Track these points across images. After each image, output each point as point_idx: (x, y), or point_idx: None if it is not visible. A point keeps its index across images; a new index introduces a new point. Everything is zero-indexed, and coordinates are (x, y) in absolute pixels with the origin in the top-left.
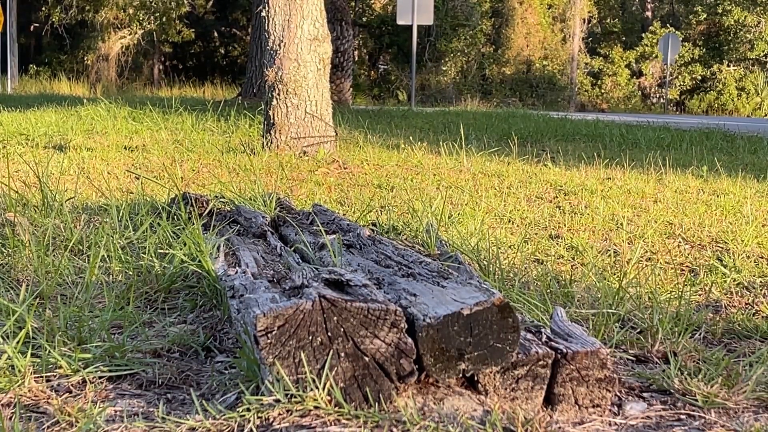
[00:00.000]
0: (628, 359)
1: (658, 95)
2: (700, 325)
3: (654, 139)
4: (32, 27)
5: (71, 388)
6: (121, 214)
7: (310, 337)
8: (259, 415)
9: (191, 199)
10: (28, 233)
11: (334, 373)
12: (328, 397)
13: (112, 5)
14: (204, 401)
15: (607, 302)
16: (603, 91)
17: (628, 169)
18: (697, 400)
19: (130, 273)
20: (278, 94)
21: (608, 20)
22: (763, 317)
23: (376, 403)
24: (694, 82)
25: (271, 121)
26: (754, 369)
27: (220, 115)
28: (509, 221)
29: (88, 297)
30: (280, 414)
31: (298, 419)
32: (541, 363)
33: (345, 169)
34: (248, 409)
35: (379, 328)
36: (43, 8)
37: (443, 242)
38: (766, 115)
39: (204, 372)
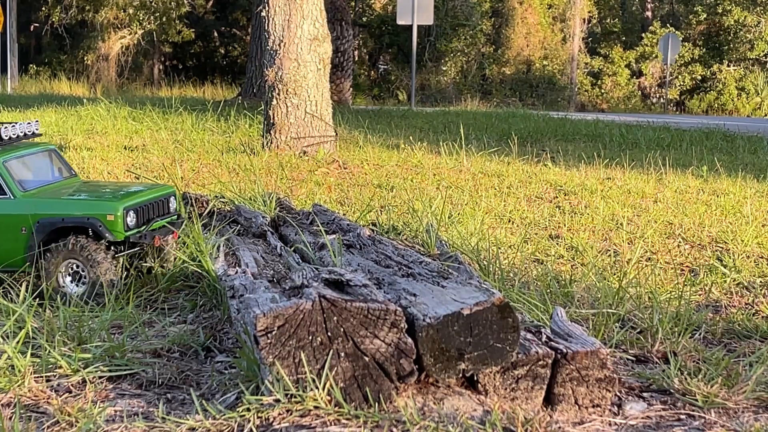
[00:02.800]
0: (628, 359)
1: (658, 95)
2: (700, 325)
3: (654, 139)
4: (32, 27)
5: (71, 388)
6: None
7: (310, 337)
8: (259, 415)
9: (191, 199)
10: None
11: (334, 373)
12: (328, 397)
13: (112, 5)
14: (204, 401)
15: (607, 302)
16: (603, 91)
17: (628, 169)
18: (697, 400)
19: (131, 273)
20: (278, 94)
21: (608, 20)
22: (763, 317)
23: (376, 403)
24: (694, 82)
25: (271, 121)
26: (754, 369)
27: (220, 115)
28: (509, 221)
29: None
30: (280, 414)
31: (298, 419)
32: (541, 363)
33: (345, 169)
34: (248, 409)
35: (379, 328)
36: (43, 8)
37: (443, 242)
38: (766, 115)
39: (204, 372)
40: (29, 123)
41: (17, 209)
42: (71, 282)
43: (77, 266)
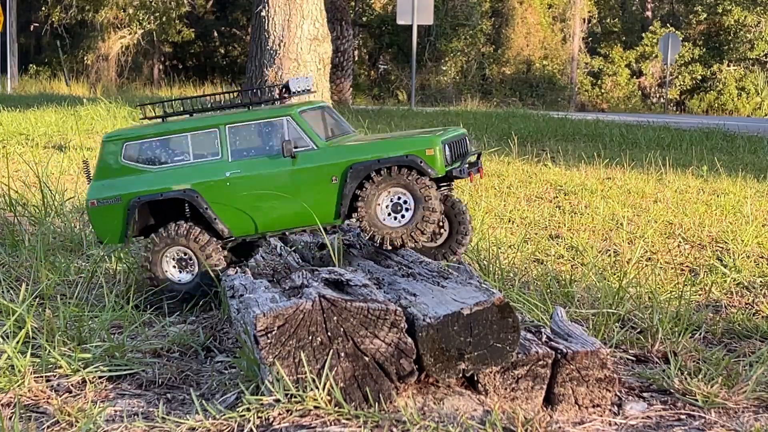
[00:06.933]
0: (628, 359)
1: (658, 95)
2: (700, 325)
3: (654, 139)
4: (32, 27)
5: (71, 388)
6: None
7: (310, 337)
8: (259, 415)
9: None
10: (27, 233)
11: (334, 373)
12: (328, 397)
13: (112, 5)
14: (204, 401)
15: (607, 302)
16: (603, 91)
17: (628, 169)
18: (697, 400)
19: (130, 273)
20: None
21: (608, 20)
22: (763, 317)
23: (376, 403)
24: (694, 81)
25: None
26: (754, 369)
27: None
28: (509, 221)
29: (88, 297)
30: (280, 414)
31: (298, 419)
32: (541, 363)
33: None
34: (248, 409)
35: (379, 328)
36: (43, 8)
37: None
38: (766, 115)
39: (204, 372)
40: (306, 78)
41: (325, 159)
42: (389, 215)
43: (400, 197)
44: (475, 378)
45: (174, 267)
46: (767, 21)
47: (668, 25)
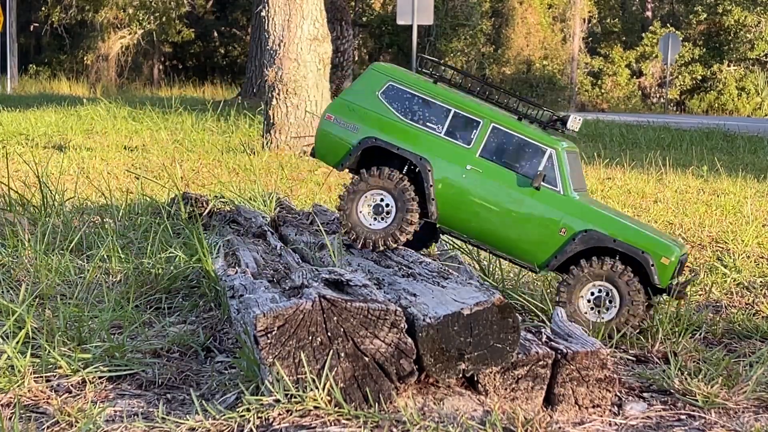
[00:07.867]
0: (628, 359)
1: (658, 95)
2: (700, 325)
3: (654, 139)
4: (32, 27)
5: (71, 388)
6: (121, 214)
7: (310, 337)
8: (259, 415)
9: (191, 199)
10: (27, 233)
11: (334, 373)
12: (328, 398)
13: (112, 5)
14: (204, 401)
15: None
16: (603, 91)
17: (628, 169)
18: (697, 401)
19: (130, 273)
20: (278, 94)
21: (608, 20)
22: (763, 317)
23: (376, 404)
24: (694, 82)
25: (271, 121)
26: (755, 369)
27: (220, 115)
28: None
29: (88, 297)
30: (280, 414)
31: (298, 419)
32: (541, 363)
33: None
34: (248, 409)
35: (379, 328)
36: (43, 8)
37: (443, 242)
38: (766, 115)
39: (204, 372)
40: (580, 119)
41: (565, 209)
42: (590, 309)
43: (606, 291)
44: (475, 378)
45: (369, 211)
46: (767, 21)
47: (668, 25)
